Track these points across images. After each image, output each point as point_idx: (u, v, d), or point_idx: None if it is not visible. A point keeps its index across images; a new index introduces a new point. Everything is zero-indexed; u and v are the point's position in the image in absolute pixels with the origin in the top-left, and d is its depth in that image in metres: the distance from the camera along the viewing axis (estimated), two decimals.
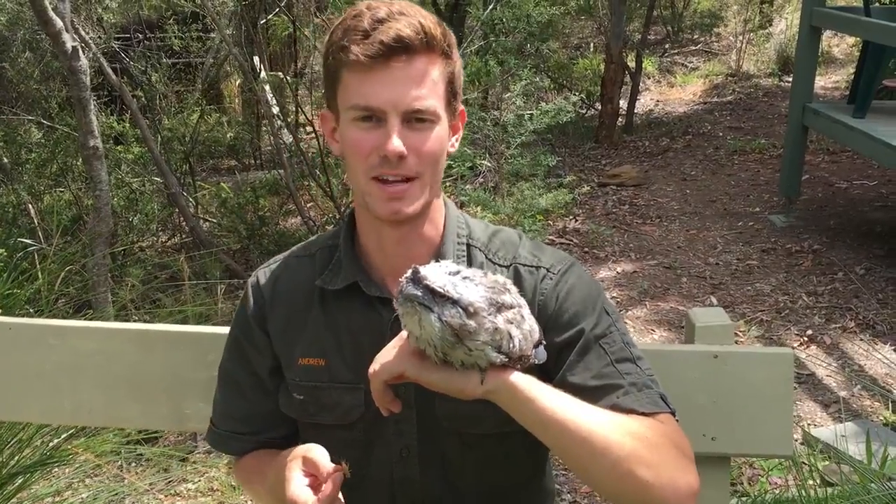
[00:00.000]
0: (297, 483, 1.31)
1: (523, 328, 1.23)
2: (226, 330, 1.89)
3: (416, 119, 1.35)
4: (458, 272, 1.19)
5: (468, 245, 1.50)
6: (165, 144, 6.96)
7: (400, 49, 1.32)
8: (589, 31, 13.04)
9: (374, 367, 1.26)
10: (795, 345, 4.71)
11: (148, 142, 6.22)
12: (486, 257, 1.49)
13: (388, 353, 1.26)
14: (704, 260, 6.06)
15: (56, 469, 3.22)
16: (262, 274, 1.58)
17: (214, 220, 7.05)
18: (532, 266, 1.47)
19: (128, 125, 7.09)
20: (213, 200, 7.37)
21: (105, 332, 1.98)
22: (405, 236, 1.45)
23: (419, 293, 1.15)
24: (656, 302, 5.38)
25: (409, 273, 1.17)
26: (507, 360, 1.21)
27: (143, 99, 7.18)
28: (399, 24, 1.32)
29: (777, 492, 3.21)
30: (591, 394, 1.32)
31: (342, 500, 1.32)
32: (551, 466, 1.65)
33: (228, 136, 8.65)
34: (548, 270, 1.46)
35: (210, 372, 1.88)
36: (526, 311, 1.26)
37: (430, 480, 1.48)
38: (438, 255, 1.45)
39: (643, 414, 1.32)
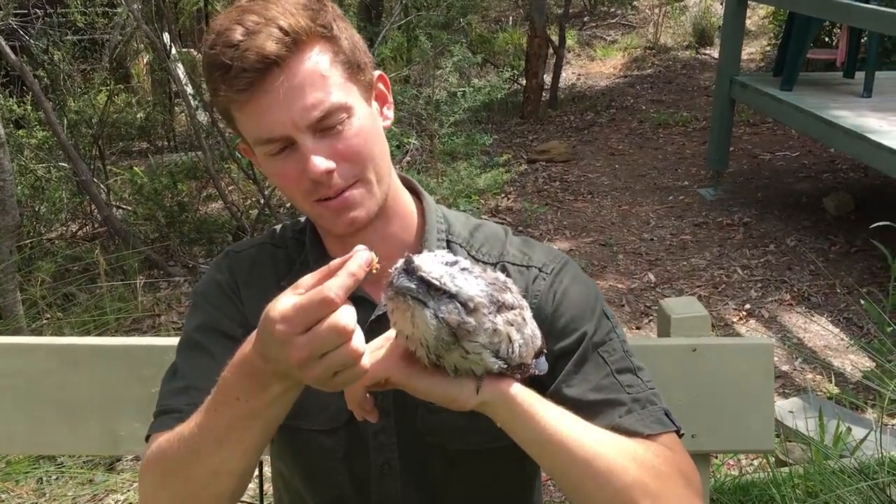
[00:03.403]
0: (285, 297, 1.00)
1: (524, 332, 1.10)
2: (161, 341, 1.78)
3: (326, 125, 1.19)
4: (455, 263, 1.04)
5: (448, 241, 1.36)
6: (72, 128, 6.57)
7: (270, 65, 1.15)
8: (507, 4, 12.95)
9: None
10: (734, 319, 4.74)
11: (53, 125, 5.81)
12: (469, 254, 1.35)
13: (372, 354, 1.09)
14: (639, 236, 6.07)
15: None
16: (235, 254, 1.41)
17: (129, 208, 6.70)
18: (522, 265, 1.34)
19: (29, 108, 6.67)
20: (127, 186, 7.00)
21: (25, 348, 1.78)
22: (369, 239, 1.29)
23: (413, 286, 1.00)
24: (595, 280, 5.29)
25: (401, 262, 1.01)
26: (505, 366, 1.08)
27: (45, 79, 6.75)
28: (257, 42, 1.14)
29: (734, 472, 3.18)
30: (589, 409, 1.20)
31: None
32: (541, 482, 1.52)
33: (139, 116, 8.24)
34: (540, 270, 1.33)
35: (147, 388, 1.72)
36: (528, 314, 1.13)
37: (413, 500, 1.35)
38: None
39: (647, 436, 1.21)
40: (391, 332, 1.09)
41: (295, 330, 0.95)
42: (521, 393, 1.11)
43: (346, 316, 0.96)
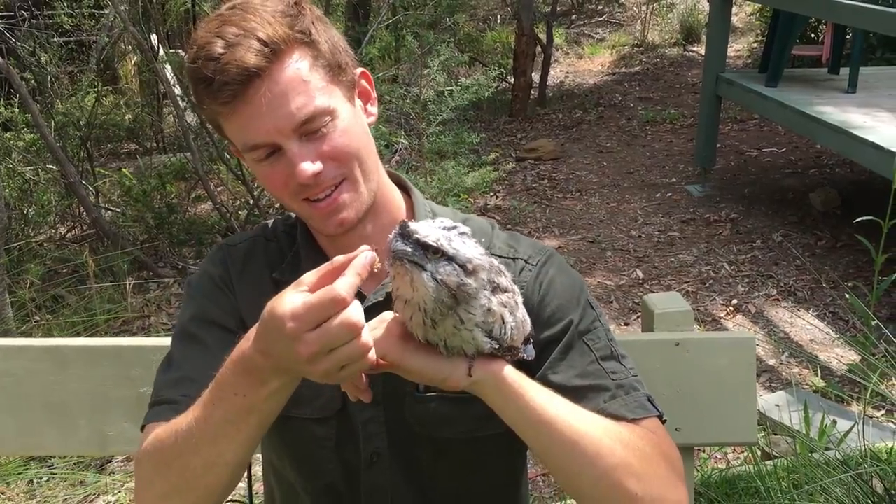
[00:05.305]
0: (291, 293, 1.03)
1: (517, 316, 1.12)
2: (149, 341, 1.80)
3: (311, 128, 1.22)
4: (454, 227, 1.05)
5: None
6: (60, 130, 6.54)
7: (251, 77, 1.17)
8: (494, 3, 12.97)
9: None
10: (722, 315, 4.76)
11: (40, 128, 5.79)
12: None
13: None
14: (627, 233, 6.09)
15: None
16: (229, 247, 1.44)
17: (118, 210, 6.68)
18: (508, 257, 1.37)
19: (17, 110, 6.63)
20: (115, 188, 6.98)
21: (13, 350, 1.78)
22: (359, 235, 1.32)
23: (409, 249, 1.02)
24: (584, 277, 5.34)
25: (396, 228, 1.03)
26: (496, 347, 1.09)
27: (32, 82, 6.72)
28: (237, 55, 1.16)
29: (721, 466, 3.20)
30: (574, 394, 1.22)
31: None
32: (527, 475, 1.54)
33: (127, 118, 8.22)
34: (526, 262, 1.36)
35: (135, 389, 1.72)
36: (520, 298, 1.15)
37: (401, 489, 1.37)
38: None
39: (632, 420, 1.23)
40: (386, 314, 1.12)
41: (305, 326, 0.98)
42: (511, 374, 1.13)
43: (357, 313, 0.99)
